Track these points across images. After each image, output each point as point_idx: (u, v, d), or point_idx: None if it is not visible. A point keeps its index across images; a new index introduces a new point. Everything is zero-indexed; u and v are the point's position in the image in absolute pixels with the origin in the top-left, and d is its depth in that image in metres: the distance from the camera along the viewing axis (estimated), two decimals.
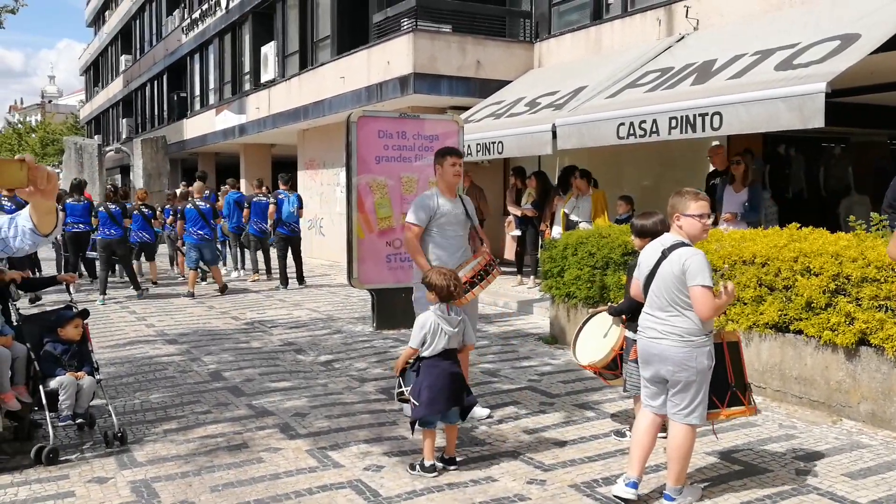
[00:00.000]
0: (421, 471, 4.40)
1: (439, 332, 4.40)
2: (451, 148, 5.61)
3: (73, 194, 12.23)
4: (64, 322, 5.14)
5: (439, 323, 4.41)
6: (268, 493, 4.16)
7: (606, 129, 8.84)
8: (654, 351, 3.93)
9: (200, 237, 12.03)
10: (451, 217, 5.36)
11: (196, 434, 5.15)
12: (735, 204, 8.34)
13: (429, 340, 4.40)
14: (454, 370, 4.44)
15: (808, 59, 7.32)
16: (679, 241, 3.92)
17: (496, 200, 13.99)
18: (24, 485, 4.30)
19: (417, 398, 4.37)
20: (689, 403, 3.89)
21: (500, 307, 10.39)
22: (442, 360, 4.41)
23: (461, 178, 5.47)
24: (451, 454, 4.52)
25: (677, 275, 3.82)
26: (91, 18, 48.17)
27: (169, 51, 29.13)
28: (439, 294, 4.46)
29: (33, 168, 2.29)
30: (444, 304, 4.46)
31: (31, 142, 54.82)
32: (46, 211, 2.53)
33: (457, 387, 4.43)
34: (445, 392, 4.35)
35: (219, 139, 23.34)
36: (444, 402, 4.35)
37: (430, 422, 4.40)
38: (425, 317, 4.46)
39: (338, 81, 15.23)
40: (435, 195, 5.39)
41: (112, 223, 11.56)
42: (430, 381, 4.36)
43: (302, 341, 8.30)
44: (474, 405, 4.67)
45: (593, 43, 12.20)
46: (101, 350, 7.33)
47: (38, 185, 2.32)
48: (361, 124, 7.31)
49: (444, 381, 4.36)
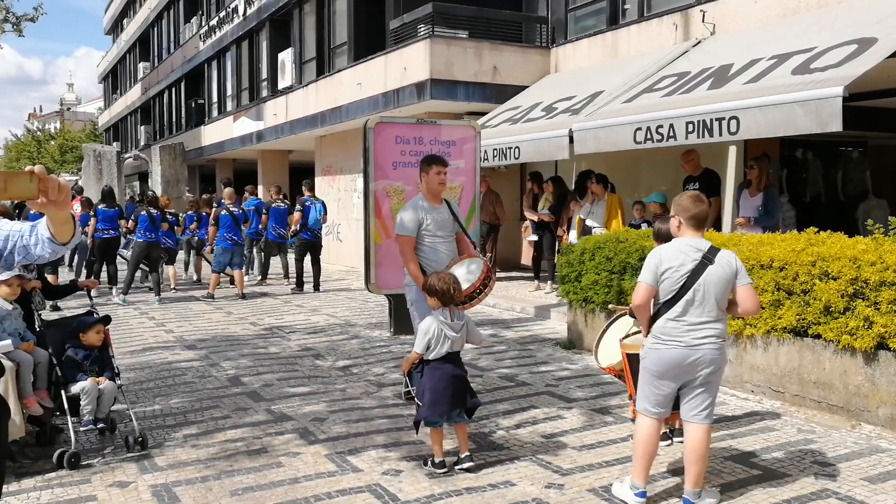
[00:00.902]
0: (432, 467, 4.52)
1: (442, 337, 4.52)
2: (435, 156, 5.73)
3: (105, 201, 12.70)
4: (86, 328, 5.20)
5: (442, 329, 4.52)
6: (287, 497, 4.20)
7: (623, 134, 8.84)
8: (709, 357, 3.85)
9: (234, 242, 12.33)
10: (437, 223, 5.52)
11: (216, 439, 5.20)
12: (750, 208, 8.33)
13: (432, 345, 4.52)
14: (457, 373, 4.56)
15: (826, 63, 7.29)
16: (711, 244, 3.94)
17: (513, 206, 14.01)
18: (47, 489, 4.36)
19: (421, 399, 4.51)
20: (711, 402, 3.96)
21: (518, 312, 10.40)
22: (445, 363, 4.54)
23: (445, 186, 5.61)
24: (464, 452, 4.60)
25: (729, 278, 3.85)
26: (109, 26, 48.64)
27: (187, 58, 29.38)
28: (440, 299, 4.56)
29: (44, 179, 2.23)
30: (445, 308, 4.57)
31: (51, 149, 55.34)
32: (62, 221, 2.49)
33: (459, 389, 4.55)
34: (448, 394, 4.48)
35: (236, 146, 23.52)
36: (446, 404, 4.48)
37: (436, 422, 4.54)
38: (429, 322, 4.57)
39: (355, 88, 15.32)
40: (420, 203, 5.55)
41: (152, 227, 11.93)
42: (433, 384, 4.49)
43: (320, 346, 8.35)
44: (478, 406, 4.80)
45: (610, 48, 12.21)
46: (122, 355, 7.41)
47: (50, 197, 2.26)
48: (378, 130, 7.34)
49: (446, 383, 4.49)
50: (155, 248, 12.14)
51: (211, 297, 12.19)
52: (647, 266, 3.94)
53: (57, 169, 49.59)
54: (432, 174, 5.50)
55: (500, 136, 11.08)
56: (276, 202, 14.01)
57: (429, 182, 5.54)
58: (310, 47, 18.73)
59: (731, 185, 9.46)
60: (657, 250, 4.03)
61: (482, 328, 9.31)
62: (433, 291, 4.57)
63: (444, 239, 5.58)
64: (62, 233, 2.51)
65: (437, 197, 5.59)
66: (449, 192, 7.82)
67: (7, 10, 19.72)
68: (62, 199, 2.31)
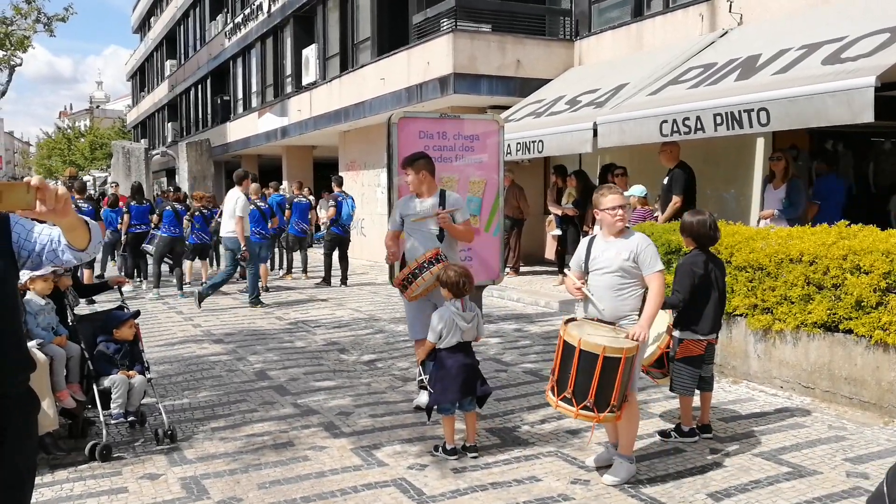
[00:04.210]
0: (443, 453, 4.64)
1: (454, 326, 4.65)
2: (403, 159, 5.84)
3: (135, 197, 13.00)
4: (119, 323, 5.29)
5: (454, 319, 4.65)
6: (314, 490, 4.22)
7: (649, 127, 8.76)
8: None
9: (262, 236, 12.41)
10: (421, 214, 5.62)
11: (243, 432, 5.24)
12: (775, 200, 8.22)
13: (444, 334, 4.65)
14: (468, 361, 4.68)
15: (857, 52, 7.16)
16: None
17: (537, 199, 13.94)
18: (79, 480, 4.43)
19: (433, 387, 4.66)
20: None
21: (542, 307, 10.36)
22: (456, 352, 4.66)
23: (417, 184, 5.63)
24: (471, 441, 4.71)
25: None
26: (137, 25, 49.19)
27: (212, 55, 29.61)
28: (452, 290, 4.71)
29: (42, 188, 2.20)
30: (457, 300, 4.70)
31: (81, 146, 56.16)
32: (69, 228, 2.46)
33: (470, 377, 4.65)
34: (458, 381, 4.59)
35: (261, 142, 23.67)
36: (457, 392, 4.59)
37: (447, 409, 4.65)
38: (441, 313, 4.71)
39: (378, 83, 15.33)
40: (410, 198, 5.74)
41: (177, 223, 12.14)
42: (444, 372, 4.63)
43: (345, 341, 8.39)
44: (489, 394, 4.88)
45: (634, 40, 12.09)
46: (151, 349, 7.49)
47: (48, 206, 2.23)
48: (402, 125, 7.33)
49: (457, 371, 4.61)
50: (179, 243, 12.30)
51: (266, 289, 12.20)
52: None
53: (87, 166, 50.33)
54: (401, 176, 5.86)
55: (524, 130, 11.03)
56: (298, 197, 14.17)
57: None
58: (333, 43, 18.78)
59: (759, 178, 9.35)
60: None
61: (506, 322, 9.30)
62: (446, 283, 4.73)
63: (434, 226, 5.54)
64: (75, 239, 2.50)
65: (420, 193, 5.66)
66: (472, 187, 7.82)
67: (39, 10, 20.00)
68: (61, 208, 2.27)
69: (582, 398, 4.07)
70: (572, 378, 4.07)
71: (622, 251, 4.26)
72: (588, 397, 4.05)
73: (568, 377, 4.09)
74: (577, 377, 4.06)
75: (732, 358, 6.41)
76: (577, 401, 4.08)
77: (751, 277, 6.11)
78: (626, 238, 4.33)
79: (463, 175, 7.89)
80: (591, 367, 4.00)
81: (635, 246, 4.26)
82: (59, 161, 55.30)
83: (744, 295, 6.16)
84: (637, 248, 4.25)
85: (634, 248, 4.25)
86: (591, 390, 4.03)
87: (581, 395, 4.07)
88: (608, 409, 4.08)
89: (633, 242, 4.28)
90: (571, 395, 4.09)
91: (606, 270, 4.28)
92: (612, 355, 4.00)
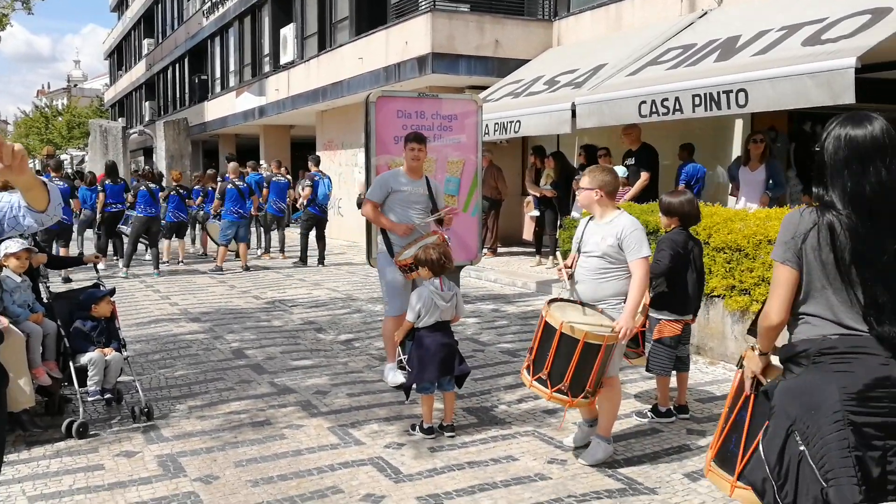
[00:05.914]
0: (420, 432, 4.65)
1: (433, 305, 4.64)
2: (414, 134, 5.84)
3: (110, 175, 12.88)
4: (97, 300, 5.25)
5: (433, 298, 4.65)
6: (290, 468, 4.22)
7: (627, 108, 8.77)
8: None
9: (240, 215, 12.56)
10: (409, 196, 5.72)
11: (220, 410, 5.22)
12: (753, 182, 8.23)
13: (422, 314, 4.65)
14: (446, 341, 4.68)
15: (838, 33, 7.18)
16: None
17: (515, 180, 13.94)
18: (56, 457, 4.40)
19: (411, 366, 4.66)
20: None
21: (519, 287, 10.39)
22: (434, 331, 4.66)
23: (421, 162, 5.76)
24: (448, 421, 4.72)
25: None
26: (115, 3, 48.44)
27: (190, 34, 29.22)
28: (431, 268, 4.70)
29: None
30: (436, 278, 4.70)
31: (58, 125, 55.50)
32: (26, 187, 2.43)
33: (448, 356, 4.64)
34: (436, 360, 4.58)
35: (239, 121, 23.46)
36: (435, 371, 4.59)
37: (426, 388, 4.65)
38: (420, 291, 4.70)
39: (356, 62, 15.21)
40: (398, 175, 5.79)
41: (153, 202, 12.04)
42: (422, 351, 4.62)
43: (322, 320, 8.37)
44: (467, 374, 4.84)
45: (613, 20, 12.07)
46: (127, 328, 7.43)
47: (4, 161, 2.20)
48: (380, 105, 7.29)
49: (435, 350, 4.60)
50: (154, 223, 12.20)
51: (220, 269, 12.29)
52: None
53: (64, 145, 49.67)
54: (407, 150, 5.74)
55: (502, 110, 11.01)
56: (276, 176, 14.13)
57: (406, 157, 5.79)
58: (311, 22, 18.60)
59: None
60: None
61: (484, 303, 9.31)
62: (424, 262, 4.72)
63: (418, 213, 5.75)
64: (33, 199, 2.46)
65: (415, 171, 5.78)
66: (450, 167, 7.80)
67: None
68: (17, 164, 2.23)
69: (557, 381, 4.03)
70: (550, 360, 4.03)
71: (608, 236, 4.12)
72: (564, 381, 4.01)
73: (545, 359, 4.06)
74: (554, 360, 4.02)
75: (710, 339, 6.46)
76: (551, 383, 4.04)
77: (728, 259, 6.15)
78: (613, 221, 4.18)
79: (441, 155, 7.87)
80: (570, 352, 3.95)
81: (620, 230, 4.09)
82: (37, 140, 54.50)
83: (721, 276, 6.21)
84: (622, 232, 4.08)
85: (619, 233, 4.09)
86: (567, 374, 3.98)
87: (557, 377, 4.03)
88: (582, 395, 4.06)
89: (618, 226, 4.12)
90: (547, 377, 4.05)
91: (592, 254, 4.18)
92: (592, 342, 3.94)
